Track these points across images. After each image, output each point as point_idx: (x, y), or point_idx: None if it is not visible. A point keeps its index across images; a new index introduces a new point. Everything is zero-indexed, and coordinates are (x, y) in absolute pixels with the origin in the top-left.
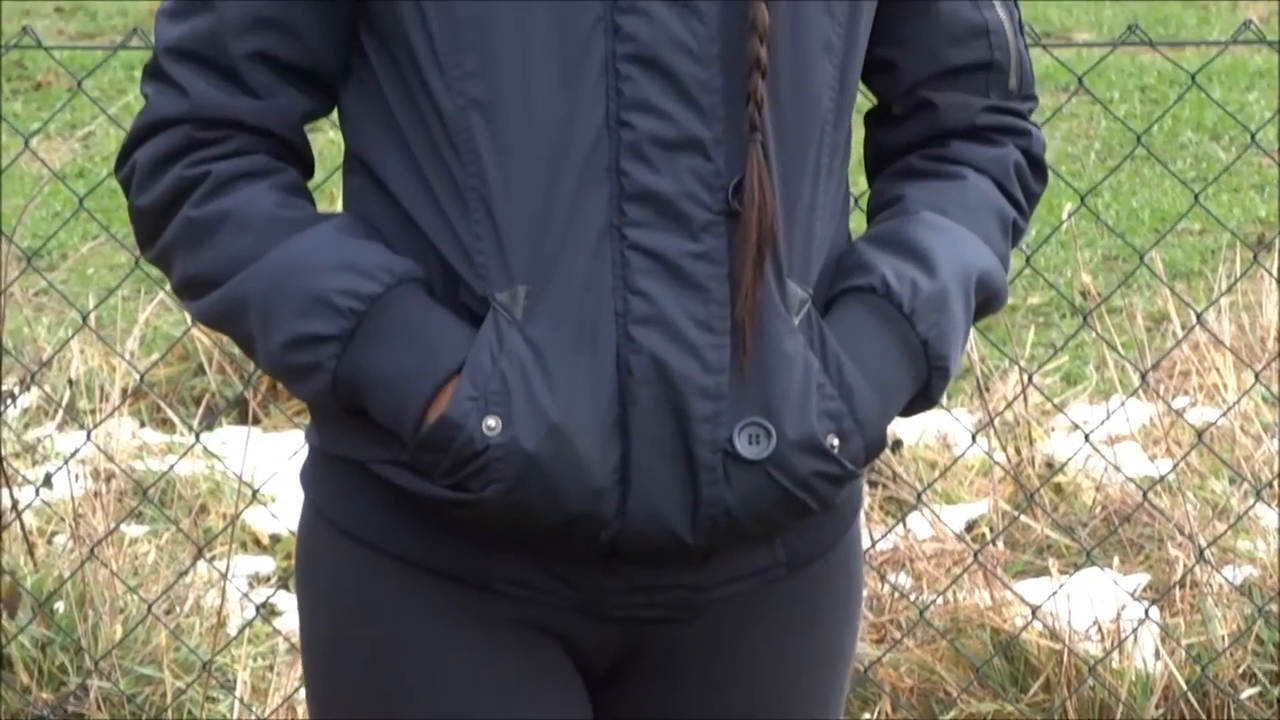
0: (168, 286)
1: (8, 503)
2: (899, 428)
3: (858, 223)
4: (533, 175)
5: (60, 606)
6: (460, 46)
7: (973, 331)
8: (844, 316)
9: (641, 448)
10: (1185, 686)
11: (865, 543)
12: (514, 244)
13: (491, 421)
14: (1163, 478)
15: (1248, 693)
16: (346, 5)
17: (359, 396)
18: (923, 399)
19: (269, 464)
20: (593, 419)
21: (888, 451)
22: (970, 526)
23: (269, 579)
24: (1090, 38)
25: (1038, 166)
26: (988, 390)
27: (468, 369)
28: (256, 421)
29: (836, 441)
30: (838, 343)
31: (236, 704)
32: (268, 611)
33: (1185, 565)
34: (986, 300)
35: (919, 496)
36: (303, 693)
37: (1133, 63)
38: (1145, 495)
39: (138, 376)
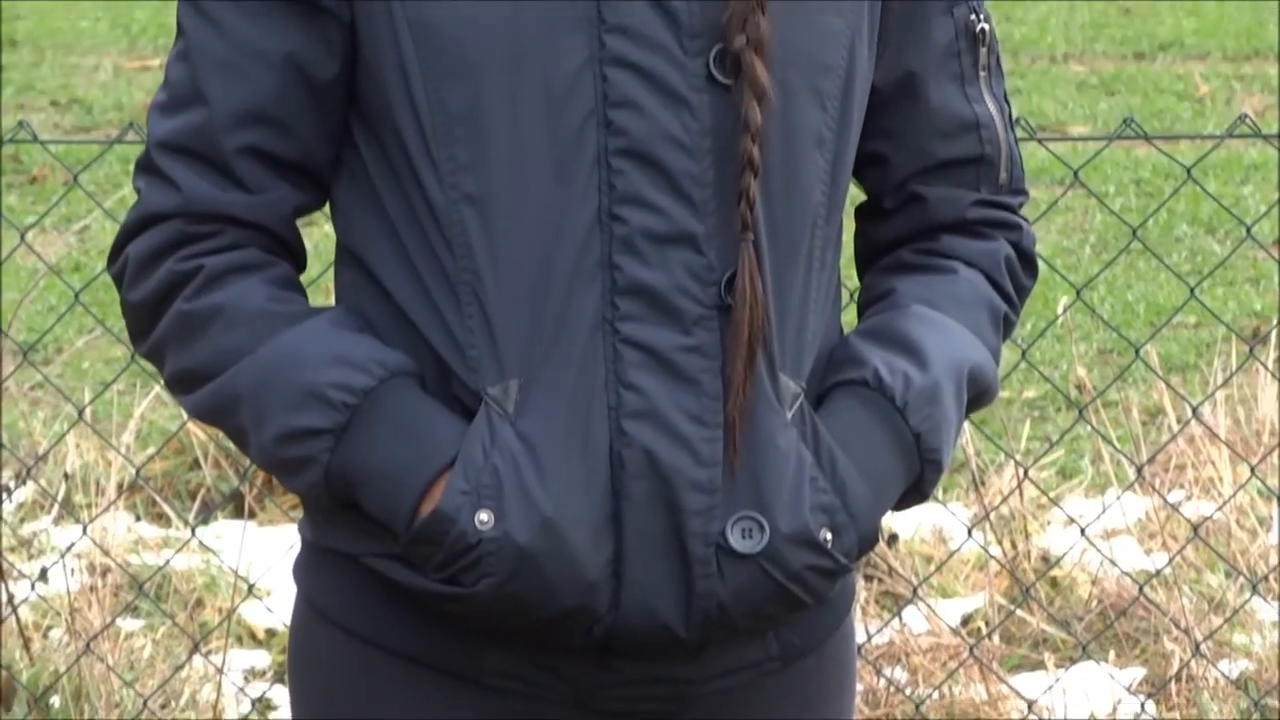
0: (163, 380)
1: (3, 597)
2: (894, 522)
3: (849, 317)
4: (525, 269)
5: (56, 701)
6: (453, 140)
7: (968, 425)
8: (837, 410)
9: (634, 541)
10: None
11: (860, 636)
12: (506, 338)
13: (484, 515)
14: (1158, 571)
15: None
16: (339, 98)
17: (352, 490)
18: (915, 493)
19: (265, 558)
20: (585, 513)
21: (883, 545)
22: (966, 620)
23: (265, 673)
24: (1085, 131)
25: (1028, 260)
26: (983, 484)
27: (460, 463)
28: (252, 515)
29: (830, 535)
30: (831, 436)
31: None
32: (264, 706)
33: (1181, 659)
34: (978, 394)
35: (915, 590)
36: None
37: (1128, 156)
38: (1141, 589)
39: (133, 471)
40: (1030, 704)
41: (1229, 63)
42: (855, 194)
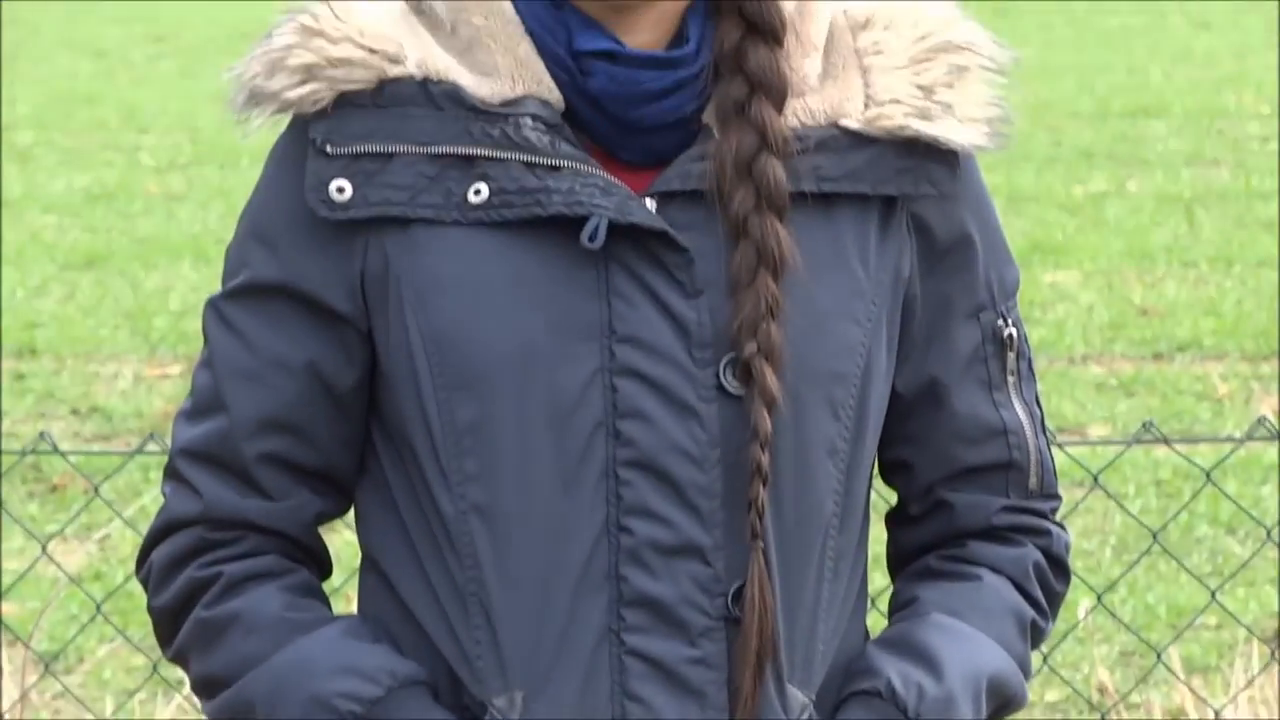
0: (185, 690)
1: None
2: None
3: (875, 621)
4: (530, 580)
5: None
6: (461, 451)
7: None
8: None
9: None
10: None
11: None
12: (511, 649)
13: None
14: None
15: None
16: (359, 406)
17: None
18: None
19: None
20: None
21: None
22: None
23: None
24: (1105, 432)
25: (1059, 566)
26: None
27: None
28: None
29: None
30: None
31: None
32: None
33: None
34: (1004, 703)
35: None
36: None
37: (1147, 457)
38: None
39: None
40: None
41: (1247, 363)
42: (891, 497)
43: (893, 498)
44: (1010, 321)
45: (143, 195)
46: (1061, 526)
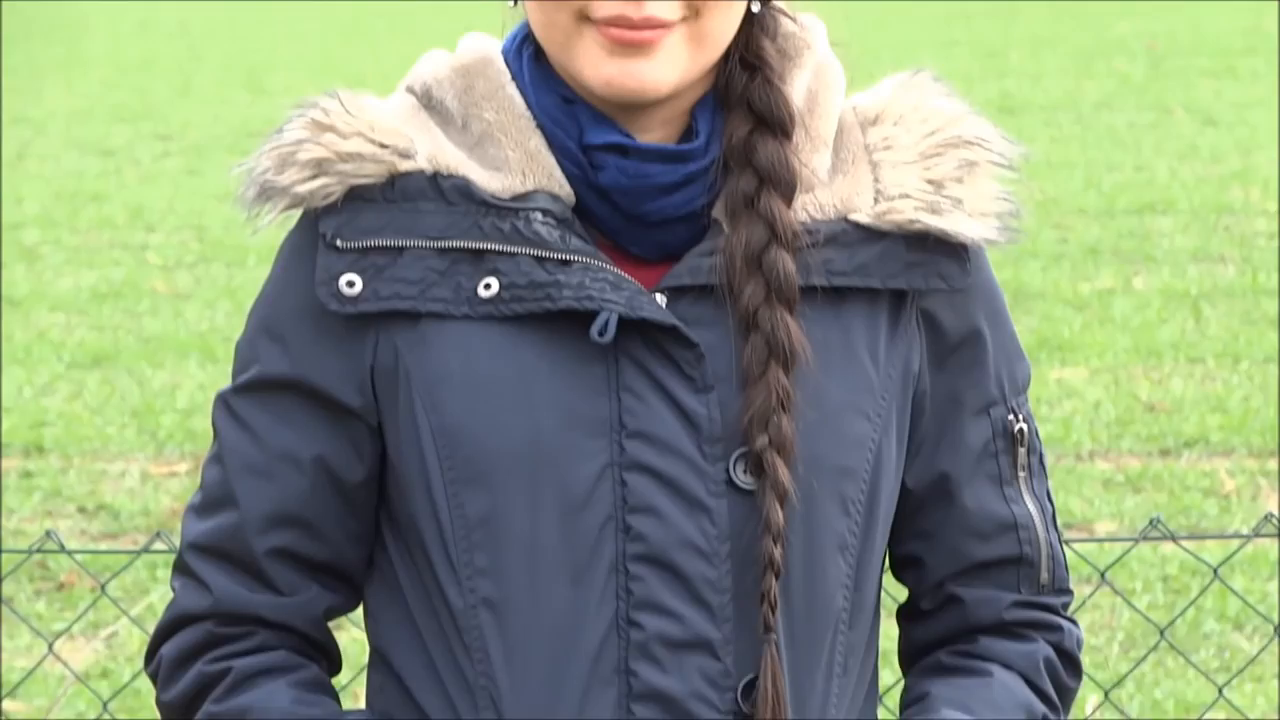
0: None
1: None
2: None
3: (885, 718)
4: (540, 675)
5: None
6: (471, 545)
7: None
8: None
9: None
10: None
11: None
12: None
13: None
14: None
15: None
16: (368, 500)
17: None
18: None
19: None
20: None
21: None
22: None
23: None
24: (1112, 528)
25: (1071, 661)
26: None
27: None
28: None
29: None
30: None
31: None
32: None
33: None
34: None
35: None
36: None
37: (1155, 553)
38: None
39: None
40: None
41: (1254, 459)
42: (900, 593)
43: (902, 594)
44: (1021, 417)
45: (150, 294)
46: (1073, 621)
